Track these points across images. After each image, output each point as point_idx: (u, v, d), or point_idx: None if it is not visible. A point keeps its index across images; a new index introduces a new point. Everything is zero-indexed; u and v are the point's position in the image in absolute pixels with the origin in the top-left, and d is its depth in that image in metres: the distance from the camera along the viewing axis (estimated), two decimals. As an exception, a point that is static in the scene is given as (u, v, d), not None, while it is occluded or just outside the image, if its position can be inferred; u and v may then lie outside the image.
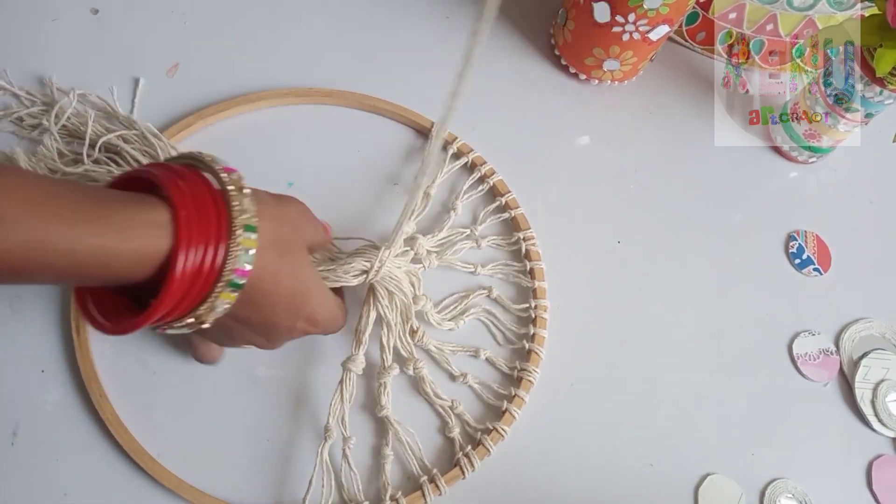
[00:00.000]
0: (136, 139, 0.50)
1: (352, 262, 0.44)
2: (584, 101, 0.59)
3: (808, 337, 0.52)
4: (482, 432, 0.46)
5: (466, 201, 0.53)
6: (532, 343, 0.48)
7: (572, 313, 0.50)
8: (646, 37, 0.53)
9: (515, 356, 0.49)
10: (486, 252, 0.52)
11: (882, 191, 0.59)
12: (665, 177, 0.57)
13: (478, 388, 0.47)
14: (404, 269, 0.46)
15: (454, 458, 0.45)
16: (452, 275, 0.50)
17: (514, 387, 0.47)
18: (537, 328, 0.49)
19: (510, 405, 0.46)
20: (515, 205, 0.52)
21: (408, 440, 0.45)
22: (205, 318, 0.34)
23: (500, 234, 0.52)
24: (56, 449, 0.43)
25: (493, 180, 0.53)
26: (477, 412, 0.47)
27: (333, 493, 0.43)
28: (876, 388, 0.50)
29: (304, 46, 0.57)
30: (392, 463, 0.45)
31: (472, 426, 0.46)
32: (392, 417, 0.45)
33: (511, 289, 0.51)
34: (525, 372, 0.47)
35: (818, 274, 0.55)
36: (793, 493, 0.47)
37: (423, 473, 0.45)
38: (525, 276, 0.51)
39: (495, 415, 0.47)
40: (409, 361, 0.46)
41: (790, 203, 0.57)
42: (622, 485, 0.46)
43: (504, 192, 0.53)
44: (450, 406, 0.46)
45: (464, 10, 0.61)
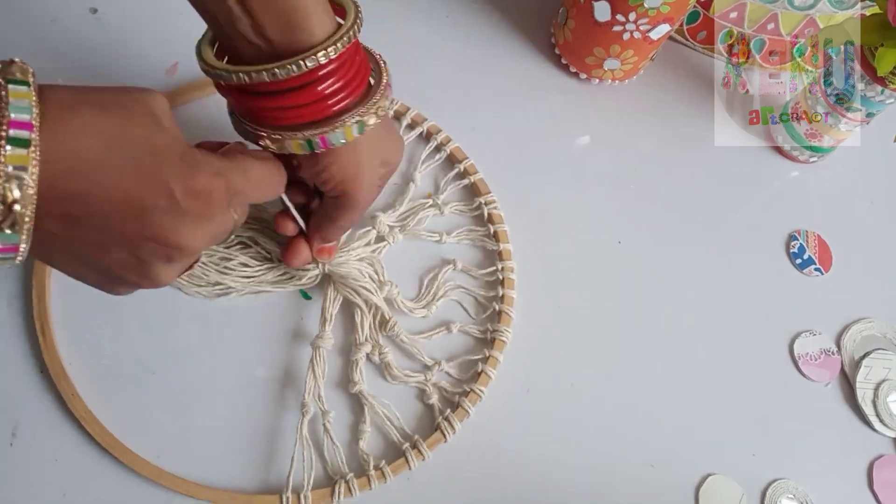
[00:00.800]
0: None
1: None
2: (584, 101, 0.58)
3: (809, 337, 0.52)
4: (460, 395, 0.46)
5: (425, 171, 0.53)
6: (502, 304, 0.49)
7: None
8: (646, 36, 0.53)
9: (487, 320, 0.49)
10: (450, 219, 0.52)
11: (883, 190, 0.59)
12: (665, 176, 0.56)
13: (453, 372, 0.48)
14: (359, 258, 0.48)
15: (434, 423, 0.46)
16: (417, 245, 0.51)
17: (487, 349, 0.48)
18: (506, 289, 0.49)
19: (485, 366, 0.47)
20: (474, 170, 0.53)
21: (384, 412, 0.45)
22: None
23: (461, 201, 0.53)
24: (55, 449, 0.43)
25: (450, 147, 0.53)
26: (453, 379, 0.48)
27: (317, 468, 0.44)
28: (877, 388, 0.50)
29: None
30: (372, 435, 0.45)
31: (450, 391, 0.47)
32: (366, 392, 0.46)
33: (477, 253, 0.52)
34: (497, 332, 0.48)
35: (819, 274, 0.54)
36: (794, 494, 0.47)
37: (404, 441, 0.45)
38: (490, 240, 0.51)
39: (472, 379, 0.47)
40: (375, 348, 0.47)
41: (791, 203, 0.57)
42: (622, 485, 0.46)
43: (462, 158, 0.53)
44: (424, 379, 0.47)
45: (464, 8, 0.61)
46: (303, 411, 0.44)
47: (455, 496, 0.45)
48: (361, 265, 0.48)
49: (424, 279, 0.50)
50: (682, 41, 0.62)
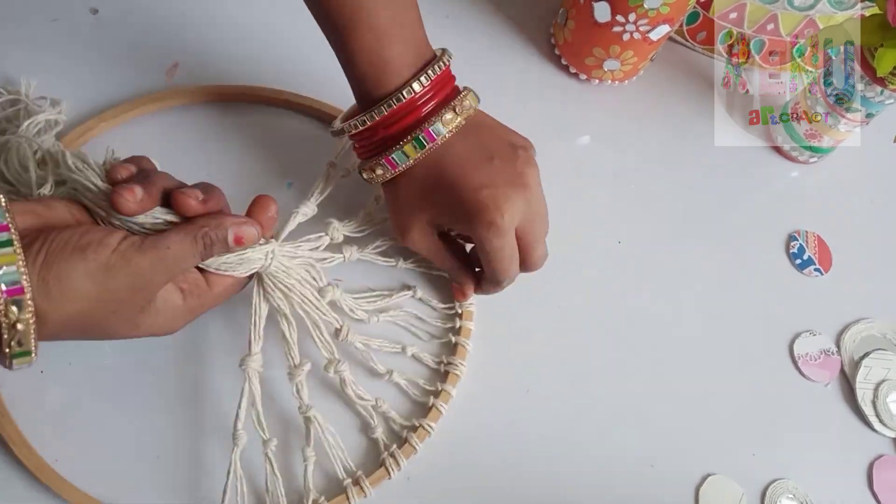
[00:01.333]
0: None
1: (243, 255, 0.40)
2: (584, 101, 0.58)
3: (809, 337, 0.52)
4: (408, 430, 0.44)
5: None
6: (458, 336, 0.47)
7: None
8: (646, 37, 0.53)
9: (443, 350, 0.48)
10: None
11: (883, 191, 0.59)
12: (665, 177, 0.56)
13: (404, 385, 0.46)
14: (300, 260, 0.43)
15: (380, 458, 0.44)
16: (375, 270, 0.49)
17: (440, 382, 0.46)
18: (464, 321, 0.48)
19: (437, 400, 0.45)
20: None
21: (330, 440, 0.43)
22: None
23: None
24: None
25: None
26: (404, 409, 0.46)
27: (252, 501, 0.42)
28: (877, 388, 0.50)
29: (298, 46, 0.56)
30: (314, 464, 0.42)
31: (399, 423, 0.45)
32: (317, 417, 0.42)
33: (433, 283, 0.50)
34: (451, 366, 0.46)
35: (819, 274, 0.54)
36: (794, 494, 0.47)
37: (346, 475, 0.43)
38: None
39: (422, 411, 0.45)
40: (331, 363, 0.43)
41: (791, 203, 0.57)
42: (622, 485, 0.46)
43: None
44: (373, 406, 0.44)
45: (465, 8, 0.61)
46: (235, 442, 0.41)
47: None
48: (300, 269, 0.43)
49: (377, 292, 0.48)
50: (682, 42, 0.62)
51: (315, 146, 0.53)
